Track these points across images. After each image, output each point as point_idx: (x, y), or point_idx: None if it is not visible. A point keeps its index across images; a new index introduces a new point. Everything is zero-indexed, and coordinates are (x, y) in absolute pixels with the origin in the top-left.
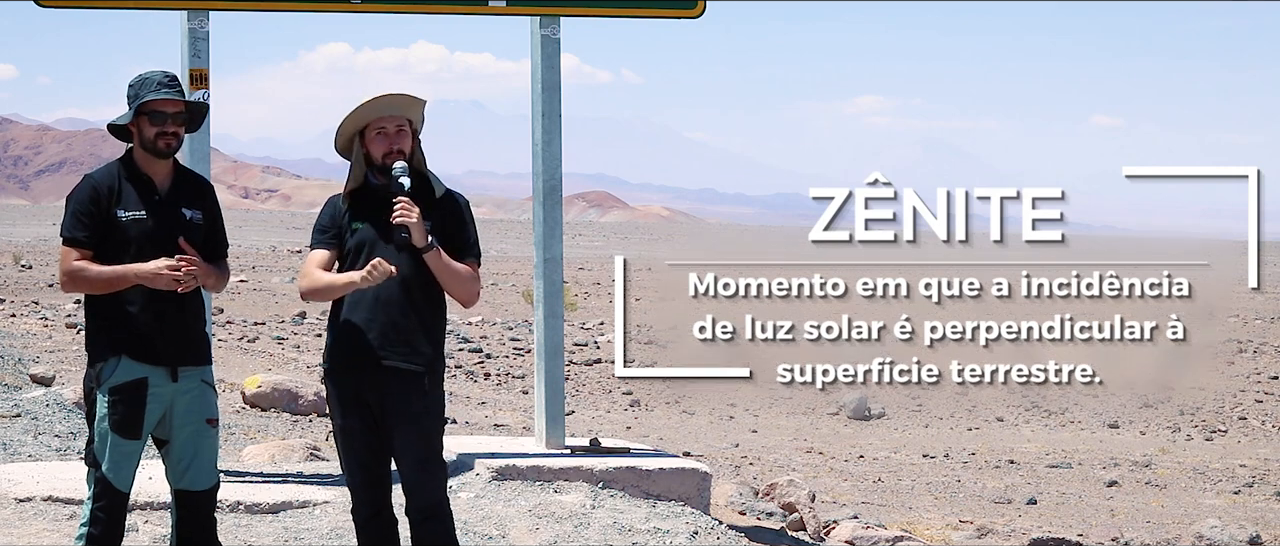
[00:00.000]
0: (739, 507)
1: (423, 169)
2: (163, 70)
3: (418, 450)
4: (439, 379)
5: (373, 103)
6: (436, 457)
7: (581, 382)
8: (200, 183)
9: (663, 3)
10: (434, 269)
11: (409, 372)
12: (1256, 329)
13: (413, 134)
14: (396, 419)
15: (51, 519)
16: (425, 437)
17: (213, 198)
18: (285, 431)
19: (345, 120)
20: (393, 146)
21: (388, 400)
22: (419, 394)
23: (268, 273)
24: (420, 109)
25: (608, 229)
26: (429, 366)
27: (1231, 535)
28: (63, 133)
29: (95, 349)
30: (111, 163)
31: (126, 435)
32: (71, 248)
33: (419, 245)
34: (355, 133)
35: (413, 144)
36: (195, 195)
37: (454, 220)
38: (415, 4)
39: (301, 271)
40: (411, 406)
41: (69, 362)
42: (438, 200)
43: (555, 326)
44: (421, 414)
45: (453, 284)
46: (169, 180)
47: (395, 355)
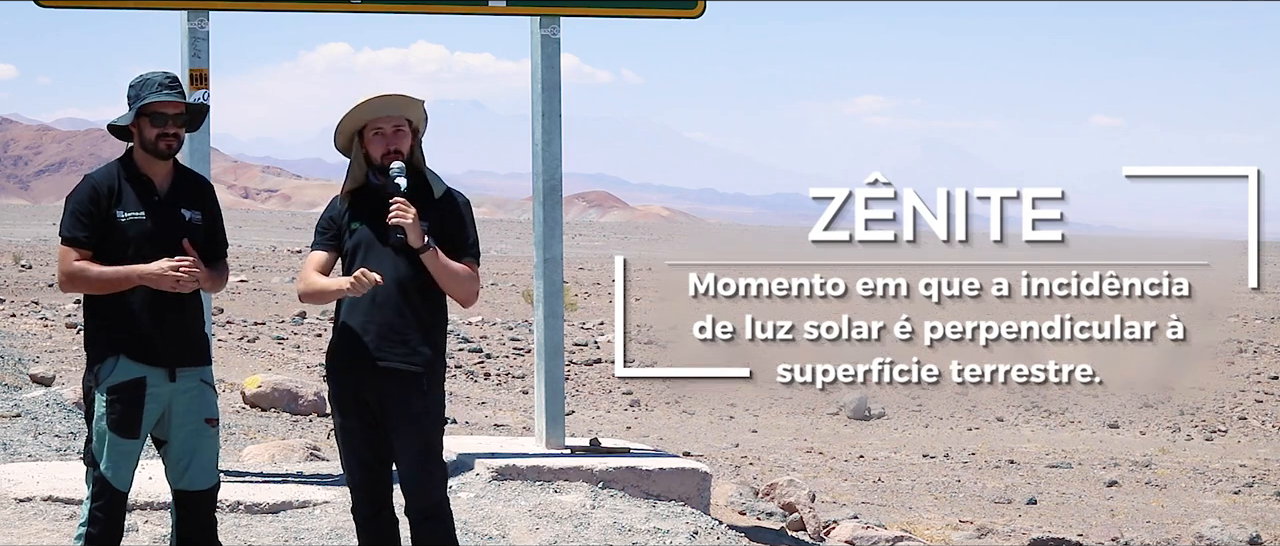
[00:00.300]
0: (739, 507)
1: (422, 168)
2: (163, 71)
3: (416, 450)
4: (438, 379)
5: (369, 103)
6: (436, 457)
7: (581, 382)
8: (200, 183)
9: (663, 3)
10: (431, 269)
11: (407, 373)
12: (1256, 329)
13: (412, 133)
14: (395, 419)
15: (51, 519)
16: (424, 438)
17: (213, 198)
18: (285, 431)
19: (344, 119)
20: (390, 146)
21: (386, 401)
22: (418, 394)
23: (268, 272)
24: (418, 109)
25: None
26: (427, 367)
27: (1231, 535)
28: (63, 133)
29: (94, 349)
30: (111, 163)
31: (124, 435)
32: (71, 248)
33: (415, 246)
34: (354, 132)
35: (411, 144)
36: (195, 196)
37: (453, 219)
38: (415, 4)
39: (299, 274)
40: (410, 407)
41: (69, 362)
42: (437, 200)
43: (555, 326)
44: (420, 414)
45: (450, 284)
46: (169, 181)
47: (392, 356)
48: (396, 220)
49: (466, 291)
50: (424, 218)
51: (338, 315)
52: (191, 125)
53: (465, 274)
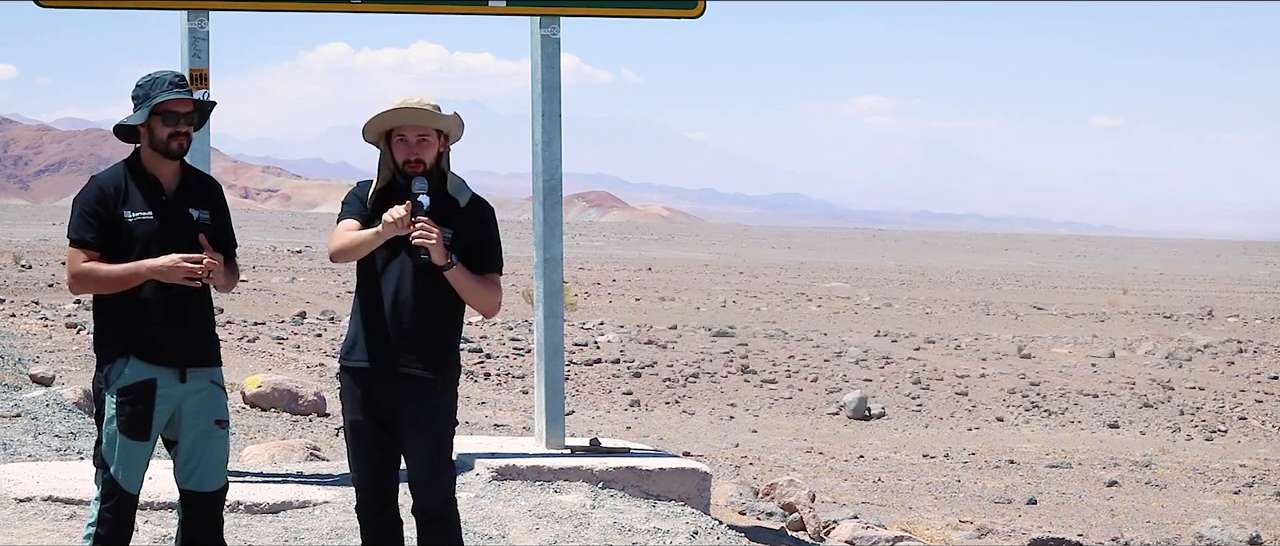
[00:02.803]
0: (739, 507)
1: (447, 177)
2: (170, 70)
3: (427, 450)
4: (451, 382)
5: (393, 112)
6: (445, 459)
7: (581, 382)
8: (208, 182)
9: (663, 3)
10: (456, 286)
11: (420, 377)
12: (1256, 329)
13: (441, 142)
14: (407, 420)
15: (51, 519)
16: (435, 440)
17: (221, 197)
18: (285, 431)
19: (372, 119)
20: (412, 155)
21: (398, 402)
22: (430, 396)
23: (268, 272)
24: (448, 123)
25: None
26: (440, 372)
27: (1231, 535)
28: (63, 133)
29: (104, 350)
30: (117, 164)
31: (135, 436)
32: (80, 249)
33: (439, 264)
34: (382, 132)
35: (438, 152)
36: (203, 195)
37: (480, 231)
38: (415, 4)
39: (331, 237)
40: (422, 408)
41: (69, 362)
42: (462, 209)
43: (555, 326)
44: (433, 415)
45: (474, 299)
46: (176, 180)
47: (407, 361)
48: (420, 241)
49: (489, 304)
50: (448, 226)
51: (354, 313)
52: (199, 123)
53: (486, 289)
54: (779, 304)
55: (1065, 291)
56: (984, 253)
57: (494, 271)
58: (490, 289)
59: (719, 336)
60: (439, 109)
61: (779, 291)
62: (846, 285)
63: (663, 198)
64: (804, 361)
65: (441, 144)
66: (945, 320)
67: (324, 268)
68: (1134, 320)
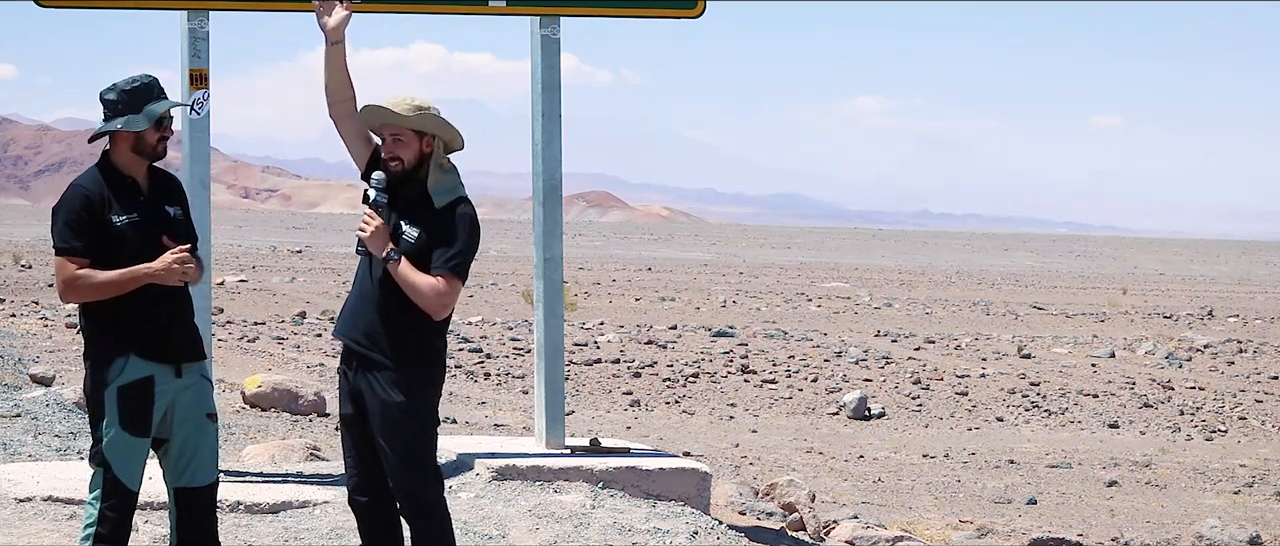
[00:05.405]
0: (739, 507)
1: (432, 176)
2: (145, 74)
3: (399, 456)
4: (423, 382)
5: (366, 110)
6: (420, 459)
7: (581, 382)
8: (172, 179)
9: (663, 3)
10: (397, 281)
11: (386, 369)
12: (1256, 329)
13: (424, 144)
14: (377, 420)
15: (51, 519)
16: (405, 444)
17: (183, 192)
18: (285, 431)
19: (362, 111)
20: (389, 153)
21: (370, 402)
22: (397, 396)
23: (268, 272)
24: (422, 122)
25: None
26: (404, 367)
27: (1231, 535)
28: (63, 133)
29: (99, 350)
30: (91, 168)
31: (136, 433)
32: (68, 257)
33: (378, 256)
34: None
35: (413, 153)
36: (172, 192)
37: (440, 232)
38: (415, 4)
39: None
40: (390, 413)
41: (69, 362)
42: (436, 211)
43: (555, 326)
44: (398, 420)
45: (412, 295)
46: (149, 180)
47: (372, 349)
48: (357, 233)
49: (428, 304)
50: (417, 225)
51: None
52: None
53: (427, 288)
54: (779, 304)
55: (1065, 291)
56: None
57: (446, 273)
58: (430, 290)
59: (719, 336)
60: (425, 110)
61: (779, 291)
62: (846, 285)
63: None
64: (804, 361)
65: (425, 145)
66: (945, 320)
67: (324, 268)
68: (1134, 320)
